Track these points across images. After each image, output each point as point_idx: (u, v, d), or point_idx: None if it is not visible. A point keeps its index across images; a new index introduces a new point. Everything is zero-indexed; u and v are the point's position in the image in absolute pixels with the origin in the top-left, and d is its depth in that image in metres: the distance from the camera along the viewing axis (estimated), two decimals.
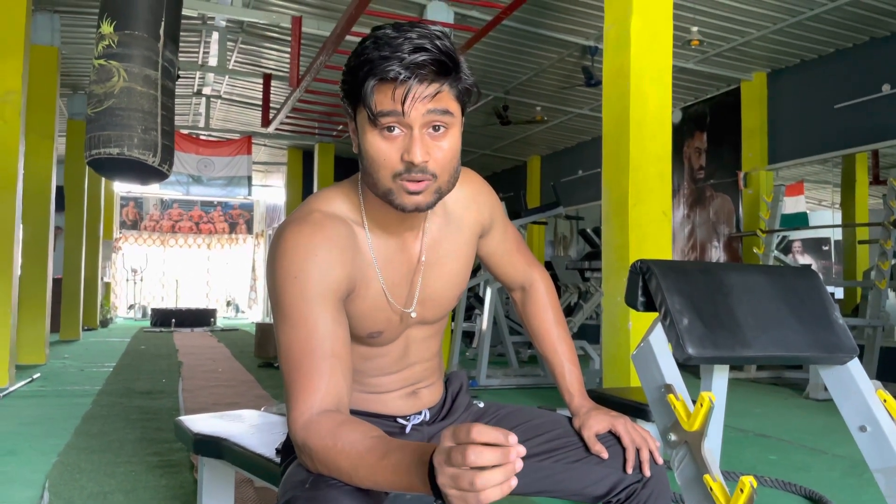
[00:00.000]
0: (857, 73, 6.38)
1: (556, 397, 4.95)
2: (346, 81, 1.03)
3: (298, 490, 0.98)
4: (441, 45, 0.98)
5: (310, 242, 1.03)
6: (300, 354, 0.99)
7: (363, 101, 0.99)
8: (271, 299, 1.05)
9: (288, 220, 1.09)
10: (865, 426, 1.48)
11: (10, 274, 5.15)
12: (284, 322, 1.02)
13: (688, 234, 8.43)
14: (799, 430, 3.90)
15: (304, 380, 0.98)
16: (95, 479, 2.63)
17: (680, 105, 8.43)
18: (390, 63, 0.96)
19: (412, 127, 0.99)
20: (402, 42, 0.97)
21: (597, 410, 1.29)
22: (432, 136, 1.00)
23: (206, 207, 18.33)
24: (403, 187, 1.02)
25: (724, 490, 1.34)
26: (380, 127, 0.99)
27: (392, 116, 0.98)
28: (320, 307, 1.01)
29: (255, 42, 8.14)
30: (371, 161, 1.02)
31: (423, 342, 1.24)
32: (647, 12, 3.85)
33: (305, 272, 1.01)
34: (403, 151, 1.00)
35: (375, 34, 1.00)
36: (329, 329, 1.01)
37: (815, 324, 1.54)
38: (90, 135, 3.64)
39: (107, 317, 12.91)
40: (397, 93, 0.97)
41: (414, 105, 0.97)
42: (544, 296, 1.43)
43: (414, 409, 1.25)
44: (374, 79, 0.97)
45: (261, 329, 7.58)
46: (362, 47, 1.00)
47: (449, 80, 1.00)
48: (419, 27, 0.99)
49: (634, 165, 3.79)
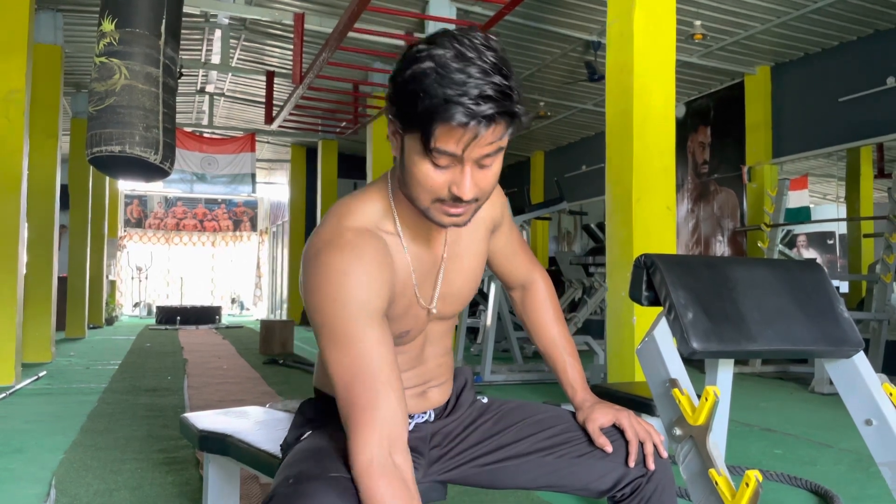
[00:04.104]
0: (862, 67, 6.35)
1: (560, 393, 4.94)
2: (398, 101, 0.99)
3: (283, 486, 0.99)
4: (509, 90, 0.95)
5: (347, 266, 1.01)
6: (352, 379, 0.99)
7: (421, 131, 0.96)
8: (314, 325, 1.03)
9: (319, 241, 1.06)
10: (871, 420, 1.47)
11: (15, 272, 5.17)
12: (332, 345, 1.01)
13: (692, 228, 8.41)
14: (805, 425, 3.89)
15: (362, 412, 0.98)
16: (102, 477, 2.63)
17: (684, 99, 8.40)
18: (456, 109, 0.92)
19: (464, 163, 0.98)
20: (468, 81, 0.93)
21: (600, 404, 1.29)
22: (480, 166, 1.00)
23: (210, 205, 18.36)
24: (444, 211, 1.02)
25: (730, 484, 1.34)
26: (433, 158, 0.98)
27: (449, 157, 0.97)
28: (368, 329, 1.00)
29: (257, 39, 8.13)
30: (415, 182, 1.01)
31: (438, 338, 1.26)
32: (650, 7, 3.83)
33: (346, 294, 1.00)
34: (452, 184, 0.99)
35: (433, 58, 0.95)
36: (378, 351, 1.00)
37: (820, 317, 1.54)
38: (91, 133, 3.65)
39: (112, 315, 12.95)
40: (462, 140, 0.95)
41: (474, 150, 0.97)
42: (544, 293, 1.44)
43: (420, 409, 1.26)
44: (439, 121, 0.94)
45: (266, 326, 7.60)
46: (421, 72, 0.95)
47: (512, 124, 0.98)
48: (482, 55, 0.95)
49: (638, 160, 3.78)
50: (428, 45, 0.97)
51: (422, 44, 0.98)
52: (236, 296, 18.78)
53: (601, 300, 6.36)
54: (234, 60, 8.64)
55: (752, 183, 7.41)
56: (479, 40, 0.96)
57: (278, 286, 15.67)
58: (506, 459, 1.26)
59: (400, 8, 6.15)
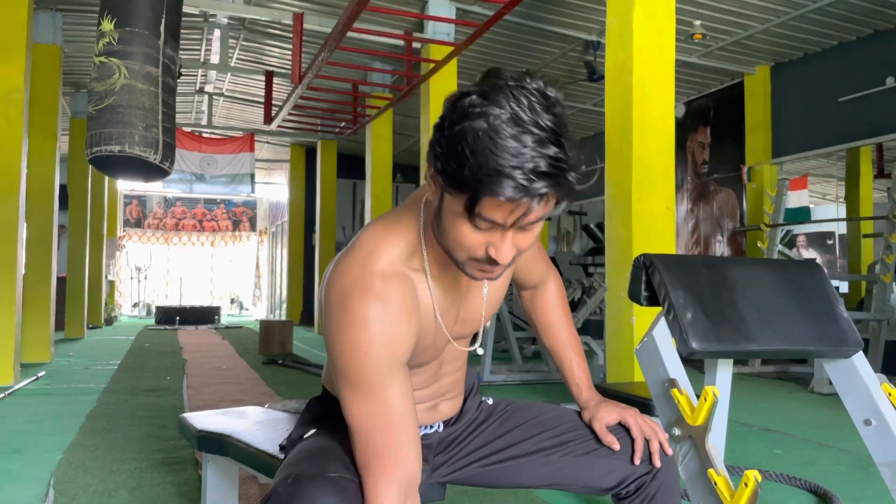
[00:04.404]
0: (861, 67, 6.36)
1: (559, 393, 4.95)
2: (444, 157, 0.90)
3: (282, 485, 0.99)
4: (565, 163, 0.88)
5: (374, 315, 0.98)
6: (372, 428, 0.98)
7: (466, 196, 0.90)
8: (333, 367, 1.01)
9: (345, 281, 1.01)
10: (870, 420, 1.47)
11: (14, 273, 5.16)
12: (352, 391, 0.99)
13: (691, 228, 8.41)
14: (804, 425, 3.89)
15: (382, 462, 0.97)
16: (100, 477, 2.63)
17: (683, 99, 8.40)
18: (507, 184, 0.86)
19: (507, 229, 0.93)
20: (523, 153, 0.86)
21: (606, 403, 1.30)
22: (522, 229, 0.95)
23: (209, 205, 18.35)
24: (479, 268, 0.99)
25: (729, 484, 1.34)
26: (474, 222, 0.92)
27: (492, 223, 0.92)
28: (391, 378, 0.99)
29: (256, 39, 8.13)
30: (452, 239, 0.97)
31: (455, 356, 1.25)
32: (650, 6, 3.83)
33: (371, 344, 0.97)
34: (490, 245, 0.94)
35: (487, 117, 0.87)
36: (401, 403, 0.99)
37: (819, 317, 1.54)
38: (91, 132, 3.65)
39: (111, 315, 12.94)
40: (510, 213, 0.90)
41: (519, 219, 0.92)
42: (555, 294, 1.44)
43: (430, 421, 1.26)
44: (487, 193, 0.87)
45: (265, 326, 7.60)
46: (473, 131, 0.87)
47: (566, 196, 0.92)
48: (538, 118, 0.88)
49: (637, 160, 3.78)
50: (482, 100, 0.89)
51: (476, 94, 0.89)
52: (235, 296, 18.77)
53: (600, 300, 6.35)
54: (234, 60, 8.64)
55: (752, 183, 7.41)
56: (536, 97, 0.89)
57: (277, 286, 15.67)
58: (510, 459, 1.27)
59: (399, 8, 6.15)
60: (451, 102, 0.92)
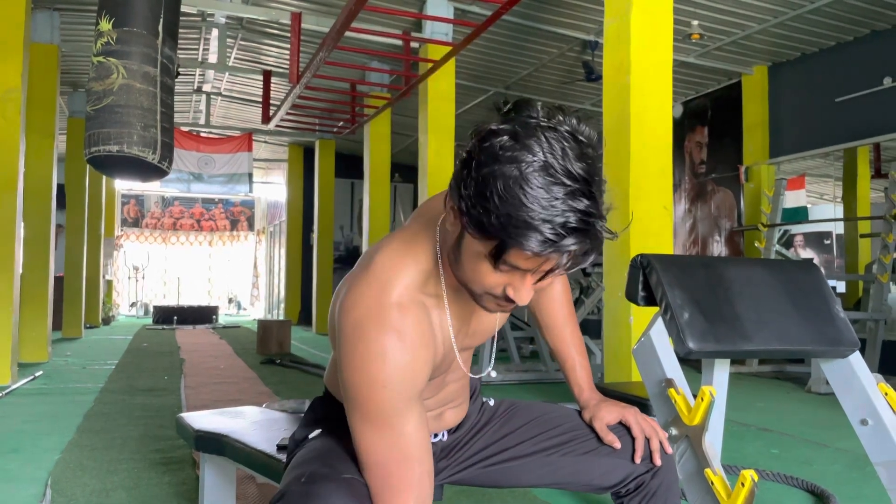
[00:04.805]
0: (859, 67, 6.37)
1: (558, 392, 4.95)
2: (469, 197, 0.87)
3: (294, 485, 0.99)
4: (596, 216, 0.85)
5: (390, 349, 0.95)
6: (388, 461, 0.97)
7: (492, 243, 0.87)
8: (346, 397, 0.99)
9: (360, 311, 0.98)
10: (867, 419, 1.48)
11: (11, 272, 5.16)
12: (367, 424, 0.97)
13: (689, 228, 8.42)
14: (801, 424, 3.90)
15: (397, 494, 0.96)
16: (98, 477, 2.63)
17: (681, 99, 8.41)
18: (535, 237, 0.83)
19: (527, 273, 0.91)
20: (553, 206, 0.83)
21: (606, 402, 1.30)
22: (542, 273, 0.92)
23: (207, 205, 18.34)
24: (495, 303, 0.97)
25: (725, 484, 1.34)
26: (495, 265, 0.90)
27: (516, 269, 0.89)
28: (409, 411, 0.97)
29: (254, 39, 8.12)
30: (469, 276, 0.95)
31: (462, 363, 1.24)
32: (648, 6, 3.84)
33: (387, 378, 0.95)
34: (509, 286, 0.92)
35: (518, 163, 0.84)
36: (417, 435, 0.98)
37: (816, 317, 1.54)
38: (89, 132, 3.64)
39: (109, 314, 12.92)
40: (535, 264, 0.87)
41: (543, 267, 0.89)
42: (560, 293, 1.43)
43: (435, 430, 1.26)
44: (513, 245, 0.85)
45: (263, 326, 7.59)
46: (502, 176, 0.84)
47: (593, 248, 0.89)
48: (570, 167, 0.84)
49: (635, 160, 3.78)
50: (513, 142, 0.85)
51: (507, 136, 0.86)
52: (233, 295, 18.76)
53: (598, 300, 6.36)
54: (231, 60, 8.63)
55: (749, 183, 7.42)
56: (569, 141, 0.86)
57: (275, 286, 15.66)
58: (511, 460, 1.27)
59: (397, 7, 6.15)
60: (479, 138, 0.88)
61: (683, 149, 8.40)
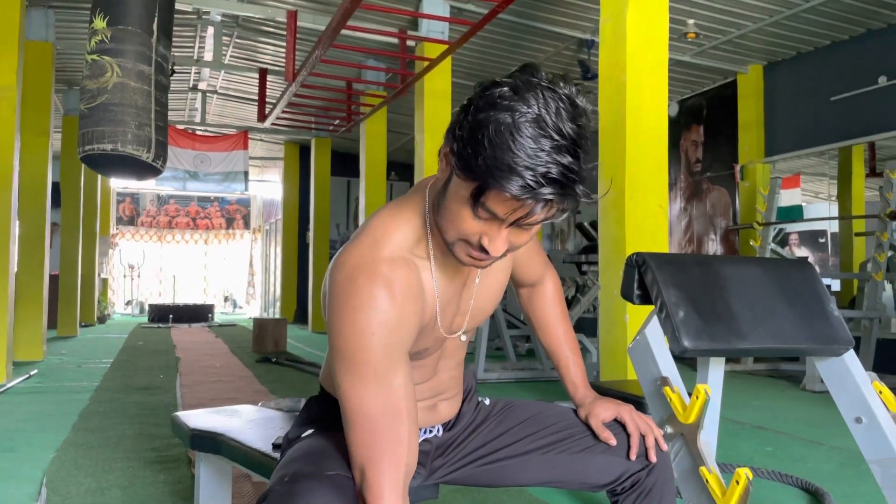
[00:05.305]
0: (854, 65, 6.38)
1: (553, 390, 4.96)
2: (462, 139, 0.91)
3: (278, 485, 0.99)
4: (576, 175, 0.89)
5: (380, 301, 0.97)
6: (374, 413, 0.97)
7: (475, 183, 0.90)
8: (333, 348, 1.00)
9: (351, 264, 1.01)
10: (861, 417, 1.48)
11: (6, 270, 5.14)
12: (359, 380, 0.97)
13: (685, 227, 8.44)
14: (796, 422, 3.91)
15: (385, 449, 0.97)
16: (93, 475, 2.63)
17: (676, 98, 8.42)
18: (516, 182, 0.86)
19: (504, 223, 0.94)
20: (538, 155, 0.86)
21: (601, 400, 1.31)
22: (519, 226, 0.95)
23: (202, 203, 18.31)
24: (467, 251, 0.99)
25: (720, 482, 1.35)
26: (475, 210, 0.93)
27: (492, 215, 0.93)
28: (396, 363, 0.99)
29: (250, 37, 8.11)
30: (449, 218, 0.98)
31: (453, 352, 1.25)
32: (644, 5, 3.84)
33: (377, 329, 0.97)
34: (484, 235, 0.95)
35: (513, 112, 0.88)
36: (404, 389, 0.99)
37: (810, 316, 1.54)
38: (83, 130, 3.63)
39: (104, 313, 12.90)
40: (512, 210, 0.90)
41: (520, 218, 0.92)
42: (552, 292, 1.44)
43: (430, 423, 1.26)
44: (495, 186, 0.88)
45: (258, 324, 7.59)
46: (496, 122, 0.88)
47: (569, 205, 0.93)
48: (562, 125, 0.88)
49: (631, 159, 3.79)
50: (512, 93, 0.89)
51: (508, 87, 0.90)
52: (229, 294, 18.74)
53: (594, 298, 6.37)
54: (227, 58, 8.61)
55: (745, 181, 7.43)
56: (564, 103, 0.89)
57: (271, 284, 15.64)
58: (507, 458, 1.27)
59: (393, 6, 6.14)
60: (482, 88, 0.93)
61: (679, 147, 8.42)
